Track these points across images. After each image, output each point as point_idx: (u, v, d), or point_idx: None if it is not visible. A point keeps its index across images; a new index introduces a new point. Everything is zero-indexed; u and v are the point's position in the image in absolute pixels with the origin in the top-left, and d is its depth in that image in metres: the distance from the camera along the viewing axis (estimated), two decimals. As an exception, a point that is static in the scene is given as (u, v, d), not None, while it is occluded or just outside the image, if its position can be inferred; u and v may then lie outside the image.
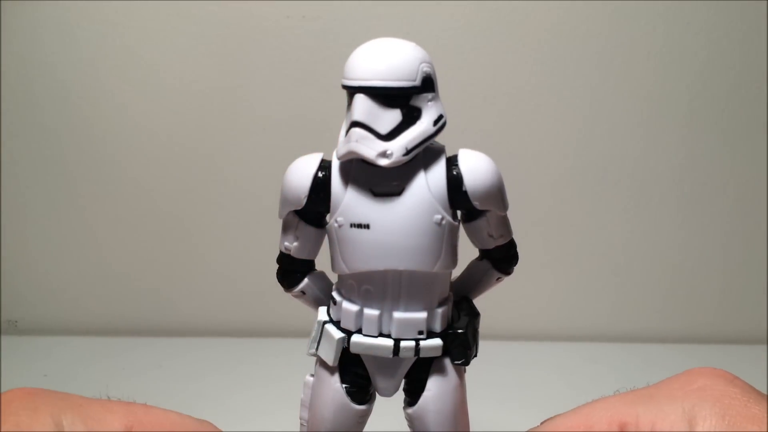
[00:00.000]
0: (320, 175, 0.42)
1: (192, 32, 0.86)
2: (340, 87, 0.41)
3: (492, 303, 0.54)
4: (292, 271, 0.46)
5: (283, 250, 0.46)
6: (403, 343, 0.43)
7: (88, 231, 0.94)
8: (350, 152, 0.39)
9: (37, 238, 0.94)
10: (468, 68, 0.87)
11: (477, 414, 0.52)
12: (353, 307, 0.43)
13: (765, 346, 0.92)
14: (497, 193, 0.43)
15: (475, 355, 0.46)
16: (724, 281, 0.96)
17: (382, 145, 0.39)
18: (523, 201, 0.94)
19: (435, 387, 0.44)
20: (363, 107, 0.39)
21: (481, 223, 0.44)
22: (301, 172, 0.43)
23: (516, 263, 0.48)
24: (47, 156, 0.91)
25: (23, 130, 0.90)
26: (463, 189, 0.42)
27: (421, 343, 0.43)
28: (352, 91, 0.40)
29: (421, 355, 0.43)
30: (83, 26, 0.86)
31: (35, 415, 0.28)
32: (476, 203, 0.42)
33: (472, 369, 0.52)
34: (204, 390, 0.78)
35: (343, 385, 0.44)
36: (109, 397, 0.32)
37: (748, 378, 0.32)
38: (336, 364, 0.44)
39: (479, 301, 0.49)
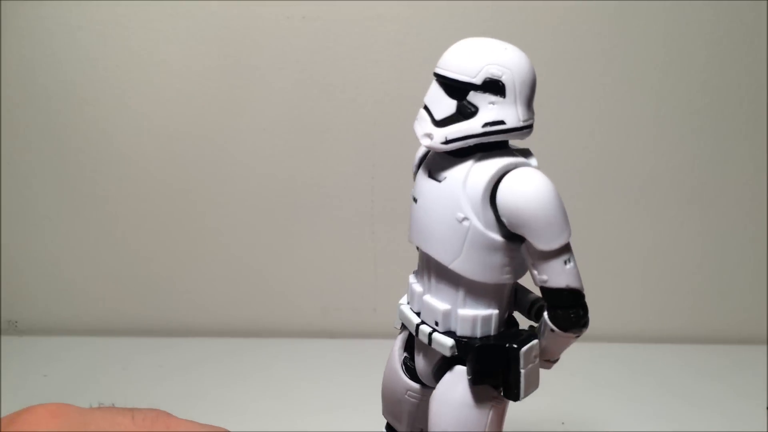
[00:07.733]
0: (420, 154, 0.47)
1: (192, 32, 0.86)
2: (341, 87, 0.42)
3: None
4: None
5: None
6: (422, 326, 0.45)
7: (87, 231, 0.94)
8: (414, 128, 0.44)
9: (37, 238, 0.94)
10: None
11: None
12: (411, 280, 0.48)
13: (765, 346, 0.92)
14: (530, 220, 0.40)
15: (517, 397, 0.43)
16: (724, 281, 0.96)
17: (429, 128, 0.42)
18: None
19: (442, 388, 0.45)
20: (431, 91, 0.43)
21: (522, 249, 0.42)
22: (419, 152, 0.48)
23: (578, 326, 0.43)
24: (47, 156, 0.91)
25: (23, 130, 0.90)
26: (495, 201, 0.41)
27: (434, 333, 0.44)
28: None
29: (432, 346, 0.45)
30: (83, 26, 0.86)
31: None
32: (504, 220, 0.41)
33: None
34: (204, 390, 0.78)
35: (404, 353, 0.50)
36: (134, 405, 0.32)
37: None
38: (398, 326, 0.49)
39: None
